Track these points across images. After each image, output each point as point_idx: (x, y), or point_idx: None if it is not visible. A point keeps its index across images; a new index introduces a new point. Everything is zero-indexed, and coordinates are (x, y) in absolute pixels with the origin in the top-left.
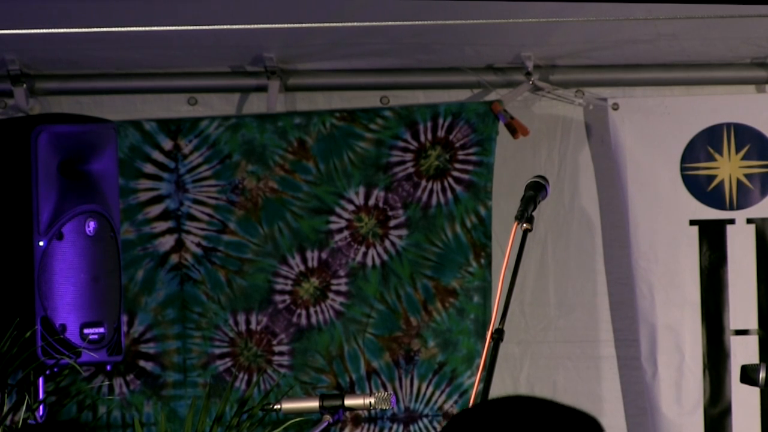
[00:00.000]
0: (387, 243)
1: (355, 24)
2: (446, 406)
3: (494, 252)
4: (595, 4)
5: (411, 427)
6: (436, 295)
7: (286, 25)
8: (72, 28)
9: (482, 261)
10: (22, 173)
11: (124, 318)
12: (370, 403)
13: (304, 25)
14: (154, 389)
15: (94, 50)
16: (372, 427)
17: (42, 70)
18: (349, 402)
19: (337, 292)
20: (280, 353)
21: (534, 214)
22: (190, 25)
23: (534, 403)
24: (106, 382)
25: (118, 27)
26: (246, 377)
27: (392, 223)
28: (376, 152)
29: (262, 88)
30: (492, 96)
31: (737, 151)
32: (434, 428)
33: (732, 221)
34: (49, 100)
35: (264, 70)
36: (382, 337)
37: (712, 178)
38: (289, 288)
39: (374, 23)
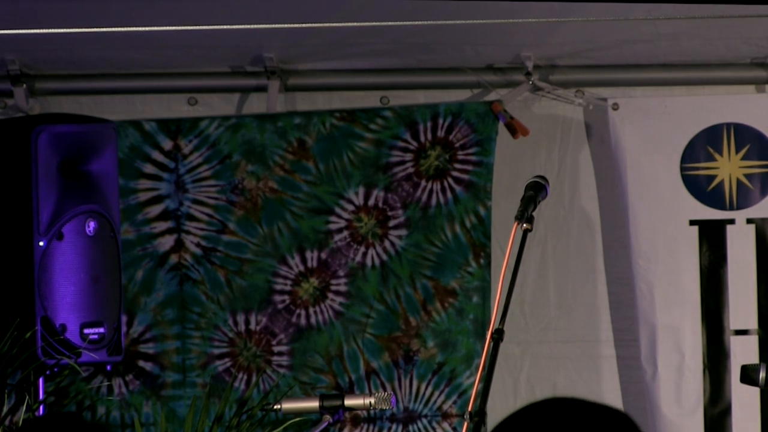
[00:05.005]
0: (386, 243)
1: (355, 24)
2: (445, 407)
3: (494, 252)
4: (595, 4)
5: (410, 427)
6: (436, 295)
7: (286, 25)
8: (72, 28)
9: (482, 261)
10: (22, 173)
11: (124, 318)
12: (370, 403)
13: (304, 25)
14: (154, 389)
15: (94, 50)
16: (371, 427)
17: (42, 70)
18: (349, 402)
19: (337, 293)
20: (280, 353)
21: (534, 214)
22: (190, 25)
23: (571, 404)
24: (106, 383)
25: (118, 27)
26: (245, 377)
27: (392, 223)
28: (376, 152)
29: (262, 88)
30: (492, 96)
31: (737, 151)
32: (433, 428)
33: (732, 221)
34: (49, 100)
35: (264, 70)
36: (382, 337)
37: (712, 178)
38: (288, 288)
39: (374, 23)
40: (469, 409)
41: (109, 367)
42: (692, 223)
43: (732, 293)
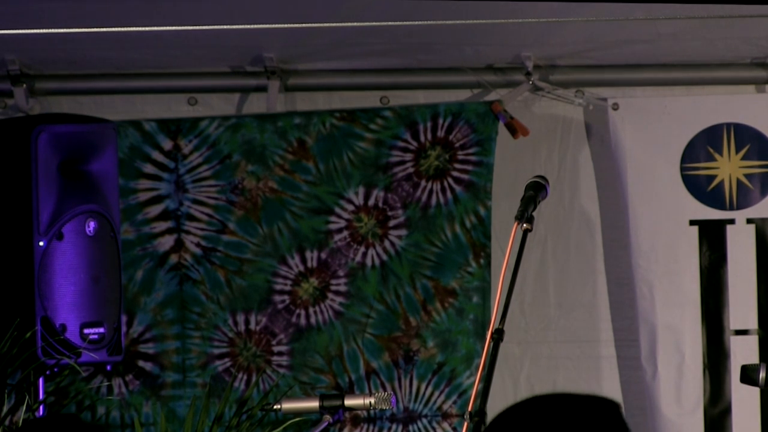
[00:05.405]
0: (386, 243)
1: (355, 24)
2: (445, 407)
3: (494, 252)
4: (595, 4)
5: (410, 428)
6: (436, 295)
7: (286, 25)
8: (72, 28)
9: (482, 261)
10: (22, 173)
11: (124, 318)
12: (370, 403)
13: (304, 25)
14: (153, 389)
15: (94, 50)
16: (371, 427)
17: (42, 70)
18: (349, 402)
19: (337, 293)
20: (280, 353)
21: (534, 214)
22: (190, 25)
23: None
24: (106, 383)
25: (118, 27)
26: (245, 377)
27: (392, 223)
28: (376, 152)
29: (262, 88)
30: (492, 96)
31: (737, 151)
32: (433, 428)
33: (732, 221)
34: (49, 100)
35: (264, 70)
36: (382, 337)
37: (712, 178)
38: (288, 288)
39: (374, 23)
40: (469, 409)
41: (109, 367)
42: (692, 223)
43: (732, 293)
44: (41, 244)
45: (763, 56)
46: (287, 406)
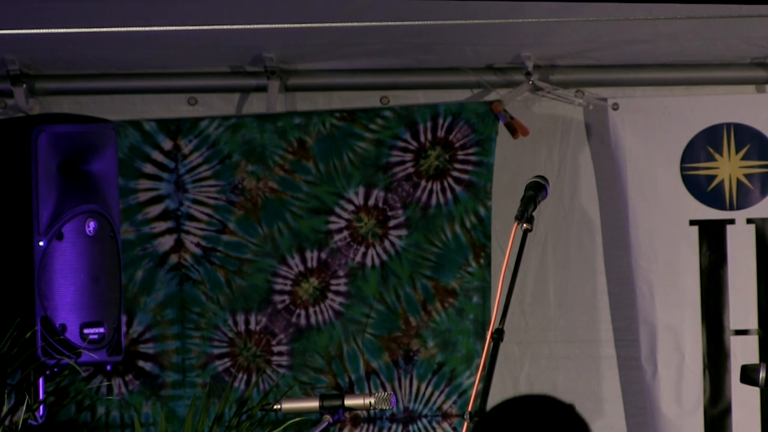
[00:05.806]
0: (386, 243)
1: (355, 24)
2: (445, 407)
3: (494, 252)
4: (595, 4)
5: (410, 428)
6: (436, 295)
7: (286, 25)
8: (72, 28)
9: (482, 261)
10: (22, 173)
11: (124, 318)
12: (370, 403)
13: (304, 25)
14: (153, 389)
15: (94, 50)
16: (371, 427)
17: (42, 70)
18: (349, 402)
19: (337, 293)
20: (280, 353)
21: (534, 214)
22: (190, 25)
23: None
24: (106, 383)
25: (118, 27)
26: (245, 377)
27: (392, 223)
28: (376, 152)
29: (262, 88)
30: (492, 96)
31: (737, 151)
32: (433, 428)
33: (732, 221)
34: (49, 100)
35: (264, 70)
36: (382, 338)
37: (712, 178)
38: (288, 288)
39: (374, 23)
40: (469, 409)
41: (109, 367)
42: (692, 223)
43: (732, 293)
44: (41, 244)
45: (763, 56)
46: (287, 406)
